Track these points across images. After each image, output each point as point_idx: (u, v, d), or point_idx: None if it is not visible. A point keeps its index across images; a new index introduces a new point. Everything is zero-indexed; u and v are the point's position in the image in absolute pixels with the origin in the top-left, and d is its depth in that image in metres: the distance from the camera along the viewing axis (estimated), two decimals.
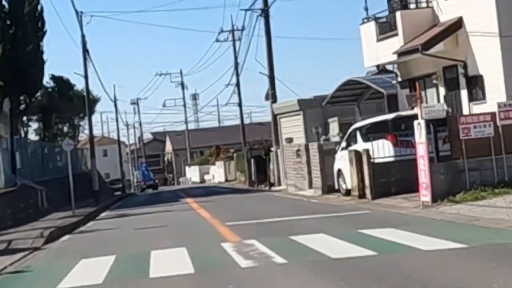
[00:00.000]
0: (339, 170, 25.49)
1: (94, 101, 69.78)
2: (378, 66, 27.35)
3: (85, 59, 37.06)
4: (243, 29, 63.40)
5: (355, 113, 33.81)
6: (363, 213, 17.89)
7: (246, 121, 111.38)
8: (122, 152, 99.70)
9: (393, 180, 21.86)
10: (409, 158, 22.00)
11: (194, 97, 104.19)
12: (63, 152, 58.99)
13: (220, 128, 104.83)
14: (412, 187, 21.24)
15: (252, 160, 47.73)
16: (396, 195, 21.34)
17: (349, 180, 24.15)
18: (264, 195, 33.51)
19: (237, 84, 65.98)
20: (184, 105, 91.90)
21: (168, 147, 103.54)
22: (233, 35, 65.92)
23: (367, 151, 22.01)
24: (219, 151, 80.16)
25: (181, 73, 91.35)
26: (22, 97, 40.76)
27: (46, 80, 63.80)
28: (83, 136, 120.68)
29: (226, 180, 71.19)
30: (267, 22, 39.00)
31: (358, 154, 23.03)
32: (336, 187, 26.00)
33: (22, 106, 42.00)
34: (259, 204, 26.72)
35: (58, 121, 65.60)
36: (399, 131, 22.42)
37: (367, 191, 22.08)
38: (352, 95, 32.51)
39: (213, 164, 79.42)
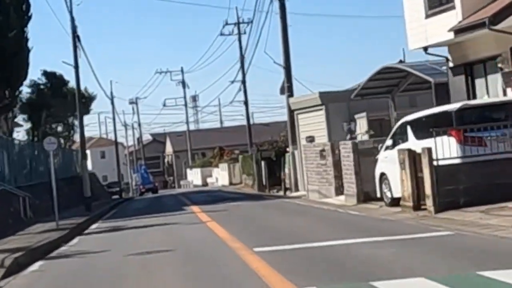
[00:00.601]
0: (383, 175, 20.56)
1: (90, 99, 64.87)
2: (425, 49, 22.40)
3: (75, 47, 32.11)
4: (250, 21, 58.56)
5: (389, 107, 28.90)
6: (446, 236, 12.88)
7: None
8: (120, 154, 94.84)
9: (461, 187, 16.89)
10: (482, 160, 17.17)
11: (194, 98, 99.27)
12: (55, 153, 54.30)
13: (222, 128, 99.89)
14: (487, 197, 16.42)
15: (263, 162, 42.78)
16: (467, 207, 16.39)
17: (397, 187, 19.24)
18: (283, 203, 28.53)
19: (243, 81, 61.09)
20: (185, 104, 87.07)
21: (169, 148, 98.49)
22: (238, 28, 61.06)
23: (428, 150, 17.01)
24: (222, 152, 75.20)
25: (182, 71, 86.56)
26: (6, 91, 35.87)
27: (38, 77, 59.48)
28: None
29: (231, 184, 66.24)
30: (282, 5, 34.04)
31: (412, 155, 18.09)
32: (378, 195, 21.06)
33: (7, 101, 37.02)
34: (284, 216, 21.72)
35: (50, 120, 60.63)
36: (467, 124, 17.48)
37: (428, 202, 17.09)
38: (386, 86, 27.56)
39: (216, 166, 74.46)
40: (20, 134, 56.23)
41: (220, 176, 70.14)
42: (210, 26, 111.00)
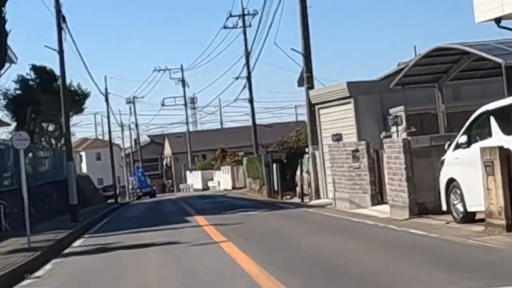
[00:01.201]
0: (451, 181, 15.60)
1: (83, 96, 59.85)
2: (498, 21, 17.53)
3: (59, 29, 27.11)
4: (255, 13, 53.61)
5: (430, 99, 24.00)
6: None
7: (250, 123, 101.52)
8: (116, 156, 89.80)
9: None
10: None
11: (193, 100, 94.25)
12: (45, 154, 49.46)
13: (224, 130, 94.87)
14: None
15: (274, 165, 37.81)
16: None
17: (474, 198, 14.34)
18: (308, 215, 23.52)
19: (248, 77, 56.20)
20: (185, 104, 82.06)
21: (167, 150, 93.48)
22: (243, 20, 56.19)
23: None
24: (225, 154, 70.23)
25: (181, 68, 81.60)
26: None
27: (26, 71, 54.55)
28: (75, 137, 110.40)
29: (234, 188, 61.27)
30: None
31: (505, 154, 13.16)
32: (444, 207, 16.11)
33: None
34: (322, 235, 16.69)
35: (41, 119, 55.69)
36: None
37: None
38: (433, 73, 22.57)
39: (218, 169, 69.49)
40: (3, 134, 51.32)
41: (222, 180, 65.20)
42: (212, 20, 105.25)
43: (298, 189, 35.36)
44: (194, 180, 78.07)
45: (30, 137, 52.71)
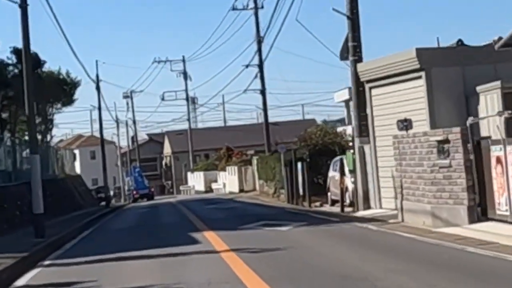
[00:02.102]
0: None
1: (73, 85, 52.34)
2: None
3: None
4: None
5: None
6: None
7: (255, 121, 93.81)
8: (111, 154, 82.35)
9: None
10: None
11: (193, 100, 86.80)
12: (24, 151, 42.45)
13: (228, 127, 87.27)
14: None
15: (299, 165, 30.35)
16: None
17: None
18: (372, 235, 15.95)
19: (260, 65, 48.76)
20: (187, 98, 74.37)
21: (167, 149, 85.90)
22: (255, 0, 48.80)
23: None
24: (231, 153, 62.69)
25: (183, 60, 73.99)
26: None
27: (7, 55, 47.09)
28: (66, 133, 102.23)
29: (242, 191, 53.80)
30: None
31: None
32: None
33: None
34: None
35: (23, 110, 48.14)
36: None
37: None
38: None
39: (223, 169, 61.98)
40: None
41: (228, 181, 57.69)
42: (218, 4, 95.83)
43: (330, 194, 27.91)
44: (195, 181, 70.61)
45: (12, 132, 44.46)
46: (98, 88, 44.24)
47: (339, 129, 38.72)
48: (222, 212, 28.87)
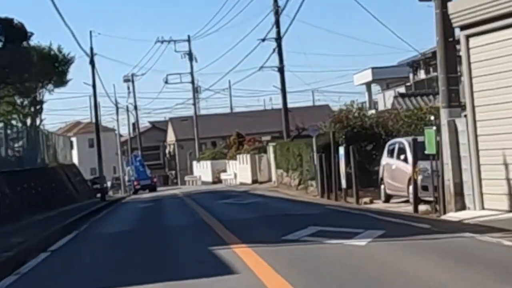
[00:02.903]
0: None
1: (65, 62, 45.69)
2: None
3: None
4: None
5: None
6: None
7: (261, 107, 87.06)
8: (111, 142, 75.91)
9: None
10: None
11: (197, 90, 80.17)
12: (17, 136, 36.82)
13: (236, 114, 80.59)
14: None
15: (341, 150, 23.79)
16: None
17: None
18: None
19: (278, 39, 42.19)
20: (192, 82, 67.70)
21: (171, 136, 79.29)
22: None
23: None
24: (242, 140, 56.10)
25: (188, 39, 67.25)
26: None
27: None
28: (66, 121, 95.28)
29: (255, 182, 47.35)
30: None
31: None
32: None
33: None
34: None
35: (6, 90, 41.68)
36: None
37: None
38: None
39: (233, 158, 55.45)
40: None
41: (239, 171, 51.14)
42: None
43: (384, 188, 21.36)
44: (202, 171, 64.09)
45: None
46: (92, 62, 37.55)
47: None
48: (244, 209, 22.38)
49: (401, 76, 52.56)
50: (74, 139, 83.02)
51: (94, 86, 38.10)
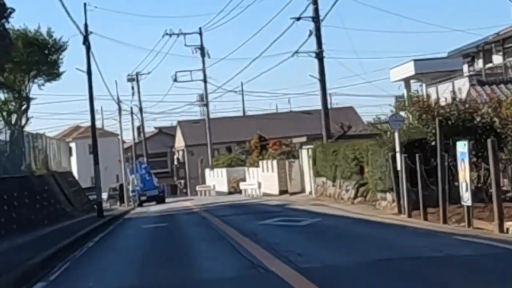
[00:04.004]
0: None
1: (57, 49, 37.12)
2: None
3: None
4: None
5: None
6: None
7: (282, 108, 78.14)
8: (113, 147, 67.70)
9: None
10: None
11: (202, 97, 71.77)
12: None
13: (250, 117, 72.13)
14: None
15: (461, 147, 15.30)
16: None
17: None
18: None
19: (315, 18, 33.84)
20: (205, 79, 59.20)
21: (179, 142, 70.81)
22: None
23: None
24: (265, 143, 47.68)
25: (200, 32, 58.80)
26: None
27: None
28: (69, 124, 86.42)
29: (284, 192, 38.98)
30: None
31: None
32: None
33: None
34: None
35: None
36: None
37: None
38: None
39: (253, 165, 47.03)
40: None
41: (264, 180, 42.61)
42: None
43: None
44: (216, 180, 55.61)
45: None
46: (86, 42, 28.97)
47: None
48: (318, 241, 14.03)
49: (450, 69, 44.13)
50: (73, 145, 74.71)
51: (89, 72, 29.67)
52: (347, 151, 26.26)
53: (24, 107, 37.64)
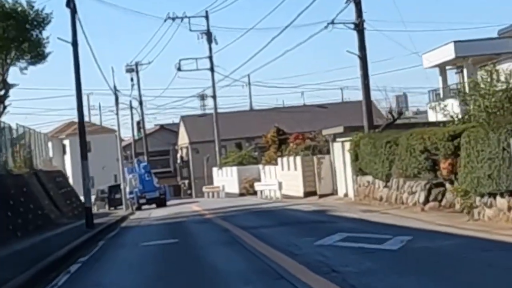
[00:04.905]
0: None
1: (39, 22, 30.38)
2: None
3: None
4: None
5: None
6: None
7: (288, 103, 71.14)
8: (110, 143, 61.14)
9: None
10: None
11: (203, 97, 65.42)
12: None
13: (257, 112, 65.41)
14: None
15: None
16: None
17: None
18: None
19: None
20: (212, 69, 52.46)
21: (183, 138, 64.06)
22: None
23: None
24: (284, 137, 41.01)
25: (206, 16, 52.08)
26: None
27: None
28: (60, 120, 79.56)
29: (310, 194, 32.42)
30: None
31: None
32: None
33: None
34: None
35: None
36: None
37: None
38: None
39: (271, 162, 40.38)
40: None
41: (285, 180, 35.84)
42: None
43: None
44: (225, 180, 48.92)
45: None
46: (71, 4, 22.14)
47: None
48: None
49: (499, 51, 37.58)
50: (66, 142, 67.98)
51: (75, 43, 22.89)
52: (413, 141, 19.58)
53: (1, 93, 31.07)
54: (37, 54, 32.01)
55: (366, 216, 18.88)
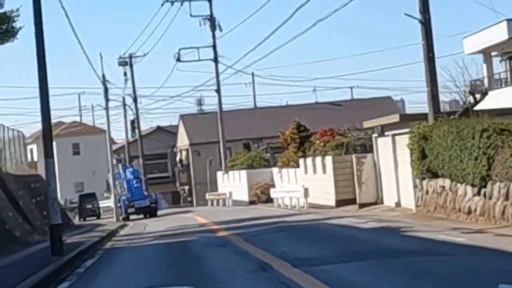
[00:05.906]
0: None
1: None
2: None
3: None
4: None
5: None
6: None
7: (292, 102, 64.04)
8: (102, 145, 54.00)
9: None
10: None
11: (200, 102, 58.15)
12: None
13: (260, 110, 58.16)
14: None
15: None
16: None
17: None
18: None
19: None
20: (216, 59, 45.22)
21: (183, 140, 56.65)
22: None
23: None
24: (306, 134, 33.84)
25: None
26: None
27: None
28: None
29: (344, 203, 25.42)
30: None
31: None
32: None
33: None
34: None
35: None
36: None
37: None
38: None
39: (289, 164, 33.27)
40: None
41: (310, 185, 28.55)
42: None
43: None
44: (231, 186, 41.72)
45: None
46: None
47: None
48: None
49: None
50: (54, 143, 60.85)
51: (37, 12, 15.61)
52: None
53: None
54: (3, 30, 25.12)
55: (484, 241, 11.79)
